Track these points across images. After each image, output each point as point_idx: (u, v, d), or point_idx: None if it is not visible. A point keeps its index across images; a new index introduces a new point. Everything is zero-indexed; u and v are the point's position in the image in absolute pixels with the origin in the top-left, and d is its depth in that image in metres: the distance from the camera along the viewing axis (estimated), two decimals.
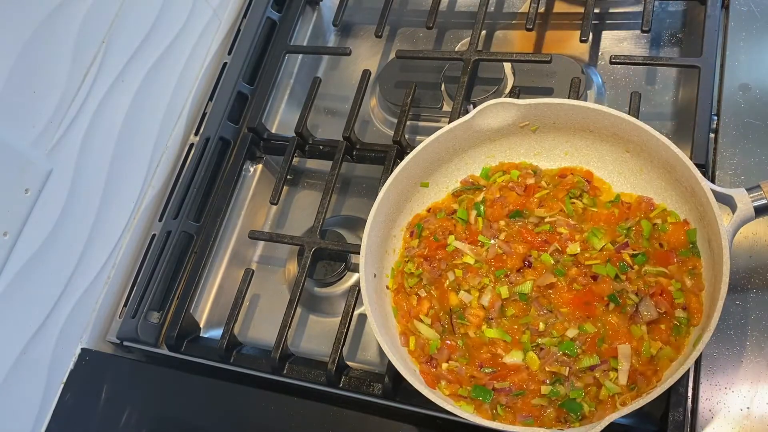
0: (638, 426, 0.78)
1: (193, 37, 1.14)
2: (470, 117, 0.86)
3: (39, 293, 0.93)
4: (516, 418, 0.75)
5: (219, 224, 1.05)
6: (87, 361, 1.00)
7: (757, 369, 0.76)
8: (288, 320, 0.90)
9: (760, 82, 0.90)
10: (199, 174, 1.07)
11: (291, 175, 1.12)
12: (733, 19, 0.95)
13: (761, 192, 0.73)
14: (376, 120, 1.13)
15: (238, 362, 0.93)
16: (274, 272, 1.07)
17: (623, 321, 0.77)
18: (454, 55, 1.03)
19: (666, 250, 0.80)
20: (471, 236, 0.87)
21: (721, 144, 0.88)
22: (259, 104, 1.11)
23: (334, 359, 0.86)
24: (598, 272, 0.80)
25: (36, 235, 0.91)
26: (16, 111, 0.86)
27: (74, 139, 0.95)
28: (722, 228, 0.71)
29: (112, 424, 0.94)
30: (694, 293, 0.76)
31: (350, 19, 1.23)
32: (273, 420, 0.88)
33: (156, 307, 1.00)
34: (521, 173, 0.89)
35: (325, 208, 0.97)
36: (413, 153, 0.86)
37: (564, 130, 0.87)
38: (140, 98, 1.05)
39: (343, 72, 1.20)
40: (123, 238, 1.06)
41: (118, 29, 0.99)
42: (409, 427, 0.83)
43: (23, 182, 0.88)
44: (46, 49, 0.89)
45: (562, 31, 1.10)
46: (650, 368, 0.74)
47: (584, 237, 0.83)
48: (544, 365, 0.77)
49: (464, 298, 0.83)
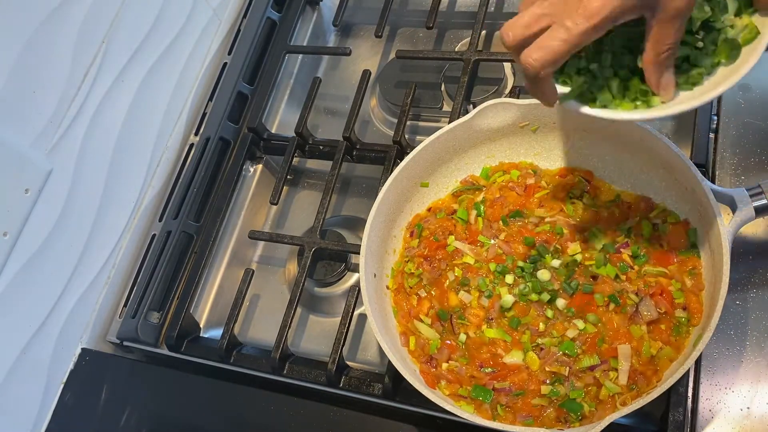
0: (638, 426, 0.78)
1: (193, 37, 1.14)
2: (470, 117, 0.86)
3: (39, 293, 0.93)
4: (516, 418, 0.75)
5: (219, 224, 1.05)
6: (87, 361, 1.00)
7: (757, 369, 0.76)
8: (288, 320, 0.90)
9: (760, 82, 0.90)
10: (199, 174, 1.07)
11: (291, 175, 1.12)
12: None
13: (761, 192, 0.73)
14: (376, 120, 1.13)
15: (238, 362, 0.93)
16: (274, 272, 1.07)
17: (623, 321, 0.77)
18: (454, 55, 1.03)
19: (666, 250, 0.80)
20: (471, 236, 0.87)
21: (721, 144, 0.88)
22: (259, 104, 1.11)
23: (334, 359, 0.86)
24: (598, 272, 0.80)
25: (36, 235, 0.91)
26: (16, 111, 0.86)
27: (74, 139, 0.95)
28: (722, 228, 0.72)
29: (112, 424, 0.94)
30: (694, 293, 0.76)
31: (350, 19, 1.23)
32: (273, 420, 0.88)
33: (156, 307, 1.00)
34: (521, 173, 0.89)
35: (325, 208, 0.97)
36: (413, 153, 0.86)
37: (564, 130, 0.87)
38: (140, 98, 1.05)
39: (343, 72, 1.20)
40: (123, 238, 1.06)
41: (118, 29, 0.99)
42: (409, 427, 0.83)
43: (23, 182, 0.88)
44: (46, 49, 0.89)
45: None
46: (650, 368, 0.74)
47: (584, 237, 0.83)
48: (544, 365, 0.77)
49: (464, 298, 0.83)
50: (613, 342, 0.76)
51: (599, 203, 0.85)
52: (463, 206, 0.89)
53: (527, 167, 0.90)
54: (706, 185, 0.74)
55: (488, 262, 0.84)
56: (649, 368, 0.74)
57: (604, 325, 0.77)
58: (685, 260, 0.78)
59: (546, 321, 0.79)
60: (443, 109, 1.07)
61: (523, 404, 0.75)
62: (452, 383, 0.79)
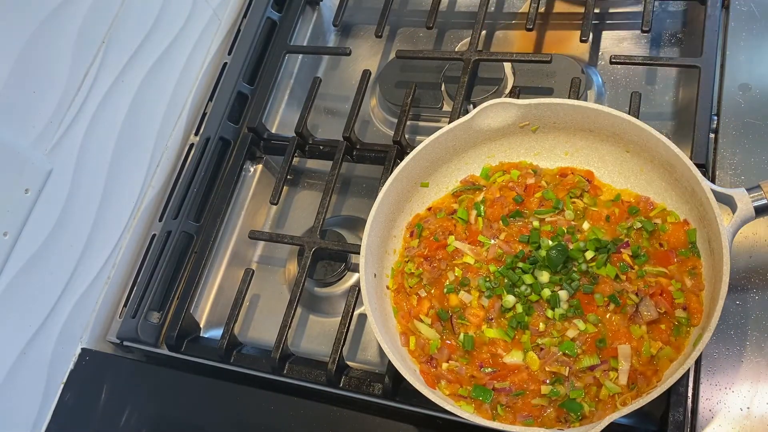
0: (638, 426, 0.78)
1: (193, 37, 1.14)
2: (470, 117, 0.86)
3: (39, 293, 0.93)
4: (516, 418, 0.75)
5: (219, 224, 1.05)
6: (87, 361, 1.00)
7: (757, 369, 0.76)
8: (288, 320, 0.90)
9: (760, 82, 0.90)
10: (199, 174, 1.07)
11: (291, 175, 1.12)
12: (733, 19, 0.95)
13: (761, 192, 0.73)
14: (376, 120, 1.13)
15: (238, 362, 0.93)
16: (274, 272, 1.07)
17: (623, 321, 0.77)
18: (454, 55, 1.03)
19: (666, 250, 0.80)
20: (471, 236, 0.87)
21: (721, 144, 0.88)
22: (259, 104, 1.11)
23: (334, 359, 0.86)
24: (598, 272, 0.80)
25: (36, 235, 0.91)
26: (16, 111, 0.86)
27: (74, 139, 0.95)
28: (722, 228, 0.71)
29: (112, 424, 0.94)
30: (694, 293, 0.76)
31: (350, 19, 1.23)
32: (273, 420, 0.88)
33: (156, 307, 1.00)
34: (521, 173, 0.89)
35: (325, 208, 0.97)
36: (413, 153, 0.86)
37: (564, 130, 0.87)
38: (140, 98, 1.05)
39: (343, 72, 1.20)
40: (123, 238, 1.06)
41: (118, 29, 0.99)
42: (409, 427, 0.83)
43: (23, 182, 0.88)
44: (46, 49, 0.89)
45: (562, 31, 1.10)
46: (650, 368, 0.74)
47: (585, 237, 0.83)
48: (544, 365, 0.77)
49: (464, 298, 0.83)
50: (613, 342, 0.76)
51: (600, 203, 0.85)
52: (463, 206, 0.89)
53: (527, 167, 0.90)
54: (706, 185, 0.74)
55: (488, 263, 0.84)
56: (649, 368, 0.74)
57: (604, 325, 0.77)
58: (685, 260, 0.78)
59: (546, 321, 0.79)
60: (443, 109, 1.07)
61: (523, 404, 0.75)
62: (452, 383, 0.79)
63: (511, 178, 0.89)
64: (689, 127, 0.88)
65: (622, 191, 0.86)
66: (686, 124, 0.93)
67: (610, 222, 0.83)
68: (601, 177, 0.87)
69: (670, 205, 0.82)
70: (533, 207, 0.86)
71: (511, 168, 0.90)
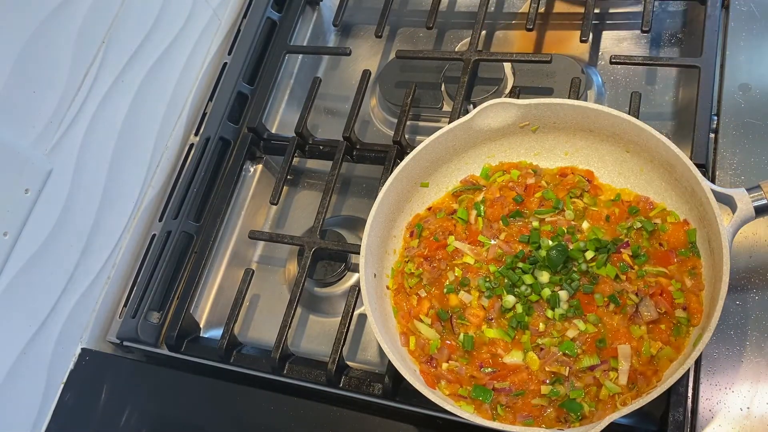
0: (638, 426, 0.78)
1: (193, 37, 1.14)
2: (470, 117, 0.86)
3: (39, 293, 0.93)
4: (516, 418, 0.75)
5: (219, 224, 1.05)
6: (87, 361, 1.00)
7: (757, 369, 0.76)
8: (288, 320, 0.90)
9: (760, 82, 0.90)
10: (199, 174, 1.07)
11: (291, 175, 1.12)
12: (733, 19, 0.95)
13: (761, 192, 0.73)
14: (376, 120, 1.13)
15: (238, 362, 0.93)
16: (274, 272, 1.07)
17: (623, 321, 0.77)
18: (454, 55, 1.03)
19: (666, 250, 0.80)
20: (471, 236, 0.87)
21: (721, 144, 0.88)
22: (259, 104, 1.11)
23: (334, 359, 0.86)
24: (598, 272, 0.80)
25: (36, 235, 0.91)
26: (16, 111, 0.86)
27: (74, 139, 0.95)
28: (722, 228, 0.71)
29: (112, 424, 0.94)
30: (694, 293, 0.76)
31: (350, 19, 1.23)
32: (273, 420, 0.88)
33: (156, 307, 1.00)
34: (521, 173, 0.89)
35: (325, 208, 0.97)
36: (413, 153, 0.86)
37: (564, 130, 0.87)
38: (140, 98, 1.05)
39: (343, 72, 1.20)
40: (123, 238, 1.06)
41: (118, 29, 0.99)
42: (409, 427, 0.83)
43: (23, 182, 0.88)
44: (46, 49, 0.89)
45: (562, 31, 1.10)
46: (650, 368, 0.74)
47: (585, 237, 0.83)
48: (544, 365, 0.77)
49: (464, 298, 0.83)
50: (613, 342, 0.76)
51: (600, 203, 0.85)
52: (463, 206, 0.89)
53: (527, 167, 0.90)
54: (706, 185, 0.74)
55: (488, 263, 0.84)
56: (649, 368, 0.74)
57: (604, 325, 0.77)
58: (685, 260, 0.78)
59: (546, 321, 0.79)
60: (443, 109, 1.07)
61: (523, 404, 0.75)
62: (452, 383, 0.79)
63: (511, 178, 0.89)
64: (689, 127, 0.88)
65: (622, 191, 0.86)
66: (686, 124, 0.93)
67: (610, 222, 0.83)
68: (601, 177, 0.87)
69: (670, 205, 0.82)
70: (533, 207, 0.86)
71: (511, 168, 0.90)
